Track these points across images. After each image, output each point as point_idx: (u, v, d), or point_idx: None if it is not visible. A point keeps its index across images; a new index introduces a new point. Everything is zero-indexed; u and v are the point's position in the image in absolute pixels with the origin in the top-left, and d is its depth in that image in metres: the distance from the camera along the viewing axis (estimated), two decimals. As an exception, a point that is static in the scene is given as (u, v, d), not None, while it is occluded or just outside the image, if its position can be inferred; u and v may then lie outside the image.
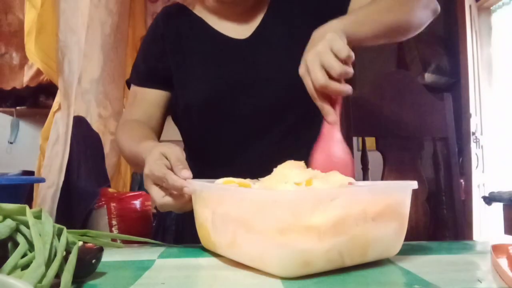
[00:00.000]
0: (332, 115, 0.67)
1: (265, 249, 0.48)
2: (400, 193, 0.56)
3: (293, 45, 0.91)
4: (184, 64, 0.93)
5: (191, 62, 0.93)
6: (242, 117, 0.90)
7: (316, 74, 0.65)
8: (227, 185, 0.61)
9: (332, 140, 0.67)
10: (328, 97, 0.67)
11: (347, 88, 0.65)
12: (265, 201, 0.48)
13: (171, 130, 1.04)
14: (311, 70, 0.66)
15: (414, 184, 0.56)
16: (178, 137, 1.01)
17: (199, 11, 0.97)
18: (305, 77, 0.68)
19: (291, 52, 0.90)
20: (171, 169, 0.65)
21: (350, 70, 0.65)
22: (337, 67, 0.64)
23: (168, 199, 0.65)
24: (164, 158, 0.66)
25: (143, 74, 0.97)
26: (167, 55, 0.94)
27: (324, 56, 0.65)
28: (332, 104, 0.68)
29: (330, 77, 0.64)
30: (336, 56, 0.64)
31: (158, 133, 0.96)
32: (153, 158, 0.67)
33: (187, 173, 0.64)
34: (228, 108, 0.89)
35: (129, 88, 1.02)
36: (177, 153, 0.67)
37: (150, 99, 0.95)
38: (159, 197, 0.66)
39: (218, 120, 0.91)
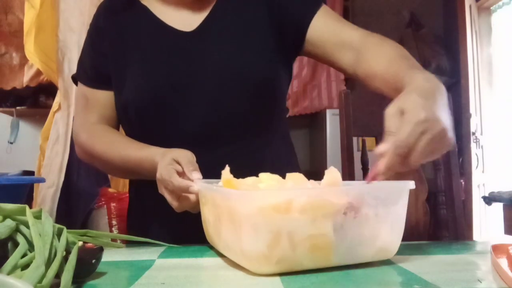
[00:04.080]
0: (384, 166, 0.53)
1: (239, 245, 0.51)
2: (395, 194, 0.56)
3: (243, 37, 0.85)
4: (124, 60, 0.85)
5: (130, 57, 0.85)
6: (184, 118, 0.81)
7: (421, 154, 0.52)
8: (207, 185, 0.62)
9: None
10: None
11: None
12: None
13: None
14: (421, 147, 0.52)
15: (411, 184, 0.55)
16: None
17: (146, 0, 0.89)
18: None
19: (241, 46, 0.84)
20: (183, 173, 0.66)
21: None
22: (417, 163, 0.53)
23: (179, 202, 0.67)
24: (175, 163, 0.67)
25: (90, 74, 0.89)
26: (110, 52, 0.87)
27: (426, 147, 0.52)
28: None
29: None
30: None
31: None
32: (164, 163, 0.68)
33: (198, 174, 0.65)
34: (169, 108, 0.81)
35: (75, 82, 0.94)
36: (188, 156, 0.68)
37: (103, 101, 0.88)
38: (171, 200, 0.67)
39: (157, 122, 0.82)
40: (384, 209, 0.54)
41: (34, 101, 2.84)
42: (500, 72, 2.90)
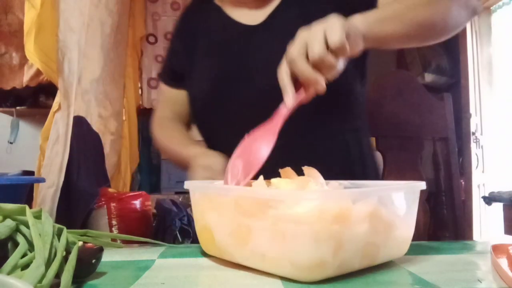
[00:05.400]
0: (289, 98, 0.61)
1: (282, 253, 0.47)
2: (408, 194, 0.56)
3: None
4: (195, 58, 0.93)
5: (201, 54, 0.92)
6: (243, 109, 0.84)
7: (296, 48, 0.59)
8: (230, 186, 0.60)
9: (267, 129, 0.63)
10: (294, 81, 0.62)
11: (322, 82, 0.59)
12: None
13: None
14: (295, 43, 0.61)
15: (422, 185, 0.56)
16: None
17: (221, 0, 0.95)
18: (288, 50, 0.62)
19: None
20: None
21: (332, 60, 0.58)
22: (316, 50, 0.57)
23: None
24: (208, 171, 0.72)
25: (167, 73, 1.01)
26: (183, 52, 0.96)
27: (312, 35, 0.59)
28: (296, 89, 0.63)
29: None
30: (326, 42, 0.58)
31: (190, 128, 1.01)
32: (196, 170, 0.73)
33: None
34: (228, 99, 0.86)
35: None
36: (220, 163, 0.72)
37: (176, 98, 0.98)
38: None
39: (217, 114, 0.88)
40: (398, 209, 0.54)
41: (34, 101, 2.84)
42: (500, 72, 2.90)
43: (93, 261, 0.49)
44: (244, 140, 0.64)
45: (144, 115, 2.86)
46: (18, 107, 2.83)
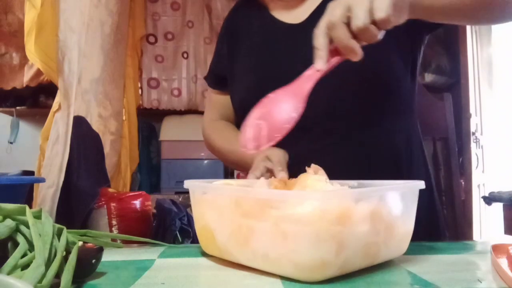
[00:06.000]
0: (321, 62, 0.57)
1: (283, 253, 0.47)
2: (407, 193, 0.56)
3: None
4: (235, 59, 0.93)
5: (240, 55, 0.92)
6: None
7: (338, 12, 0.55)
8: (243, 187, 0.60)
9: (296, 91, 0.58)
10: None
11: (359, 52, 0.56)
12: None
13: (173, 129, 1.05)
14: (338, 6, 0.57)
15: (421, 184, 0.55)
16: (178, 137, 1.04)
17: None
18: (328, 9, 0.58)
19: None
20: (271, 170, 0.70)
21: (374, 31, 0.55)
22: (360, 20, 0.54)
23: None
24: (267, 160, 0.73)
25: (212, 77, 1.02)
26: (226, 55, 0.96)
27: (358, 2, 0.55)
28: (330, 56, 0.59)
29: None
30: (371, 12, 0.55)
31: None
32: (258, 159, 0.75)
33: (284, 174, 0.68)
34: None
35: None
36: (279, 156, 0.73)
37: (222, 102, 0.99)
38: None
39: None
40: (398, 208, 0.54)
41: (34, 101, 2.84)
42: (500, 72, 2.90)
43: (93, 261, 0.49)
44: (266, 100, 0.59)
45: (144, 115, 2.86)
46: (18, 107, 2.83)
